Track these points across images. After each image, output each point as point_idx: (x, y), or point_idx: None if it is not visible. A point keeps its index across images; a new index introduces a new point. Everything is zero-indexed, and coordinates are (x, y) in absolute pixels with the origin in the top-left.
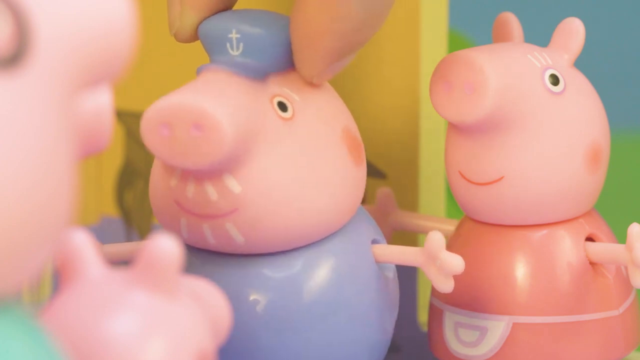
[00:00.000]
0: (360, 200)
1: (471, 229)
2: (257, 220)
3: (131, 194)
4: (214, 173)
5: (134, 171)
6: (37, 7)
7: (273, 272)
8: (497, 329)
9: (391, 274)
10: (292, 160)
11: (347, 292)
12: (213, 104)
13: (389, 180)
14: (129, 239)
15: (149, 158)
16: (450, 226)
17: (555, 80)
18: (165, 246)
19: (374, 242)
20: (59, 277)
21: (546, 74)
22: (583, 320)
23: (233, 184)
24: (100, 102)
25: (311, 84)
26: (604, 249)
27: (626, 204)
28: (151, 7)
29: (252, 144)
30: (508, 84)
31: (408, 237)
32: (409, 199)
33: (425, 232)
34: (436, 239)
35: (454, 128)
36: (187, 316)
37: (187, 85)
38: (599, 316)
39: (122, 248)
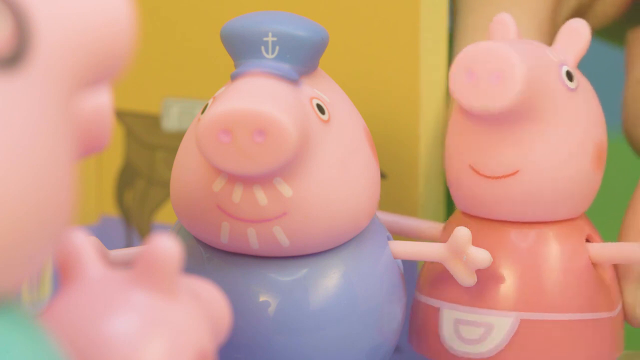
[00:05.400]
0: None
1: (469, 225)
2: (305, 224)
3: (131, 194)
4: (265, 177)
5: (134, 171)
6: (38, 7)
7: (282, 275)
8: (504, 325)
9: (401, 270)
10: (334, 163)
11: (360, 294)
12: (277, 109)
13: (389, 180)
14: (129, 239)
15: (149, 158)
16: (431, 228)
17: (570, 76)
18: (165, 246)
19: (388, 238)
20: (59, 277)
21: (562, 70)
22: (589, 319)
23: (284, 188)
24: (100, 102)
25: (334, 87)
26: (611, 248)
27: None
28: (151, 7)
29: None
30: (533, 74)
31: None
32: (409, 199)
33: (405, 234)
34: (463, 235)
35: (466, 122)
36: (187, 316)
37: (238, 90)
38: (600, 316)
39: (128, 253)
